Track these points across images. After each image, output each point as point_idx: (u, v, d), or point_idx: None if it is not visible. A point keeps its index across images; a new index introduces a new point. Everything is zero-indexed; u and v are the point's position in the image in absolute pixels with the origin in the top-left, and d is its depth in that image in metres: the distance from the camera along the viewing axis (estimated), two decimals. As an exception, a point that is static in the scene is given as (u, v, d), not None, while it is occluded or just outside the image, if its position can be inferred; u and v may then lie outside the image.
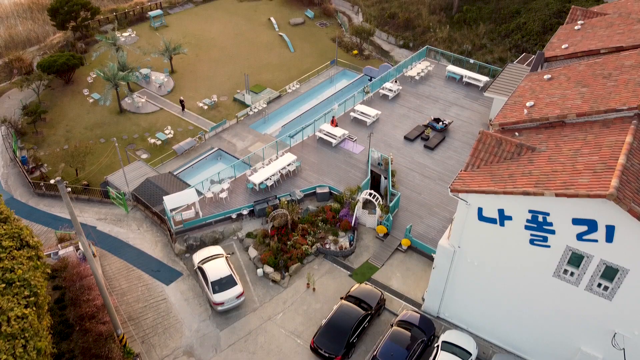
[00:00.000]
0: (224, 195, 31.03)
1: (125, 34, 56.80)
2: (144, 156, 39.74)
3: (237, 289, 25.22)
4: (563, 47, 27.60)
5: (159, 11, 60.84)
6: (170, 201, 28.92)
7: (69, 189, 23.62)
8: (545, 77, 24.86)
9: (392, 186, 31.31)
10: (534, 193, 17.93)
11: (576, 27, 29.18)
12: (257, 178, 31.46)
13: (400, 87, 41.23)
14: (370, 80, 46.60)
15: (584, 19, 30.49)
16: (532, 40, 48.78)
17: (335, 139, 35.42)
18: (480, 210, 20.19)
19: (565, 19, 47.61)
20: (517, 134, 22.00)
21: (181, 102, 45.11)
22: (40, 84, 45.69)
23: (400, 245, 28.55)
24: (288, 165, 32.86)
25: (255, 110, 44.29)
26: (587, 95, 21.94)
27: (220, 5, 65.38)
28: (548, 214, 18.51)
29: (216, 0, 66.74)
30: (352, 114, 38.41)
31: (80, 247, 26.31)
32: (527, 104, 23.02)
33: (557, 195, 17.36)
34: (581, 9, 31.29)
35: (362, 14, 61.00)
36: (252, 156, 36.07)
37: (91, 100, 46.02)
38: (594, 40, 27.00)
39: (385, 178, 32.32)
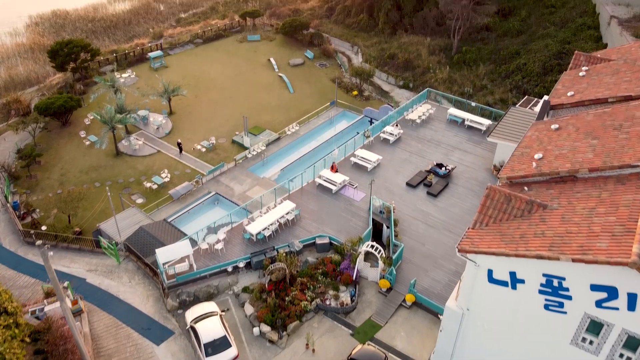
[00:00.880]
0: (219, 246, 29.74)
1: (124, 75, 56.68)
2: (140, 201, 38.69)
3: (232, 352, 23.66)
4: (569, 94, 26.86)
5: (159, 52, 60.98)
6: (163, 254, 27.64)
7: (51, 253, 21.85)
8: (553, 127, 23.99)
9: (395, 236, 30.07)
10: (548, 257, 16.71)
11: (581, 74, 28.51)
12: (254, 228, 30.22)
13: (402, 131, 40.52)
14: (371, 122, 46.01)
15: (588, 64, 29.86)
16: (532, 82, 48.48)
17: (335, 186, 34.39)
18: (490, 272, 18.95)
19: (565, 60, 47.79)
20: (526, 188, 20.95)
21: (179, 144, 44.40)
22: (36, 126, 45.10)
23: (404, 300, 27.09)
24: (287, 213, 31.68)
25: (254, 152, 43.51)
26: (599, 148, 21.01)
27: (221, 46, 65.71)
28: (564, 279, 17.25)
29: (216, 41, 67.17)
30: (352, 158, 37.52)
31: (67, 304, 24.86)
32: (536, 156, 22.04)
33: (574, 260, 16.16)
34: (584, 55, 30.70)
35: (361, 54, 61.12)
36: (250, 203, 34.96)
37: (87, 143, 45.33)
38: (601, 88, 26.29)
39: (388, 227, 31.11)
